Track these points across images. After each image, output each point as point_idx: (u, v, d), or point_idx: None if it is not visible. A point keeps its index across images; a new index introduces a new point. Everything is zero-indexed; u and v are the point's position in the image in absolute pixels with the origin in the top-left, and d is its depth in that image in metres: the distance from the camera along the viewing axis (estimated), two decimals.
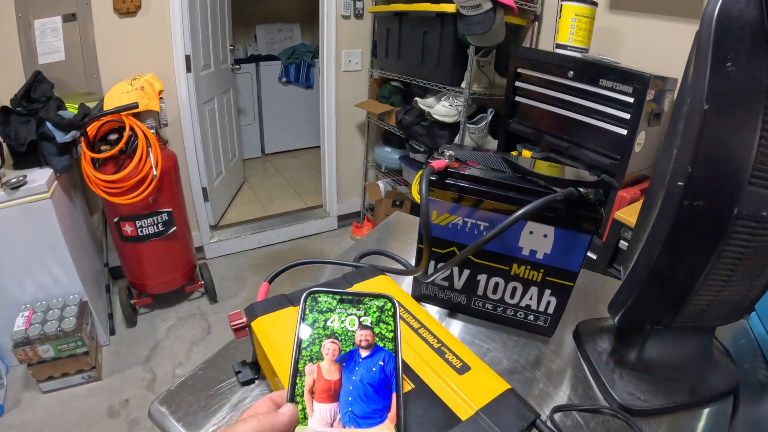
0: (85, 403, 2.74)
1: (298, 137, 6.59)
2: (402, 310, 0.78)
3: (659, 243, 0.71)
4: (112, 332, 3.29)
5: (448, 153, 0.93)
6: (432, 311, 1.08)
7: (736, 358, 0.99)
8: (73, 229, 3.06)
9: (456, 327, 1.04)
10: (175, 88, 3.74)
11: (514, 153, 2.72)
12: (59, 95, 3.15)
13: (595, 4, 2.60)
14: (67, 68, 3.39)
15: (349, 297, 0.64)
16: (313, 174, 5.76)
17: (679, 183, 0.65)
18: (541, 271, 0.93)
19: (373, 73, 4.38)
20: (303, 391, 0.55)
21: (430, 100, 3.52)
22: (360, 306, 0.63)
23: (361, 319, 0.62)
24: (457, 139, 3.28)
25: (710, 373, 0.90)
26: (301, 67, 6.19)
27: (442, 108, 3.36)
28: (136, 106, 2.97)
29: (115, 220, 3.07)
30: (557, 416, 0.83)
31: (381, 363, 0.59)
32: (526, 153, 2.70)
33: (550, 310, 0.97)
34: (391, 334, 0.61)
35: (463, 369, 0.69)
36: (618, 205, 2.28)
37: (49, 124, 2.88)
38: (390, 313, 0.63)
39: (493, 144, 3.23)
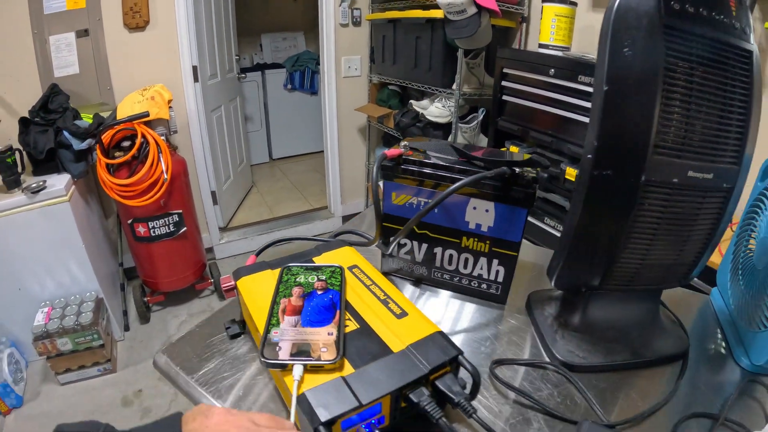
0: (100, 394, 2.82)
1: (304, 142, 6.61)
2: (359, 272, 0.94)
3: (578, 211, 0.77)
4: (127, 328, 3.36)
5: (403, 143, 1.04)
6: (402, 284, 1.15)
7: (697, 330, 1.03)
8: (90, 230, 3.14)
9: (420, 296, 1.11)
10: (184, 97, 3.82)
11: (503, 149, 2.78)
12: (75, 106, 3.23)
13: (575, 4, 2.64)
14: (82, 81, 3.49)
15: (312, 266, 0.92)
16: (318, 177, 5.79)
17: (588, 156, 0.72)
18: (487, 242, 1.01)
19: (372, 78, 4.43)
20: (278, 311, 0.79)
21: (425, 102, 3.58)
22: (319, 271, 0.90)
23: (319, 276, 0.88)
24: (450, 138, 3.34)
25: (656, 337, 0.95)
26: (305, 74, 6.23)
27: (435, 109, 3.41)
28: (146, 114, 3.06)
29: (129, 221, 3.15)
30: (498, 369, 0.89)
31: (330, 296, 0.83)
32: (514, 149, 2.75)
33: (500, 279, 1.04)
34: (339, 284, 0.86)
35: (402, 315, 0.81)
36: None
37: (66, 133, 2.97)
38: (339, 274, 0.89)
39: (484, 142, 3.29)
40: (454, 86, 3.19)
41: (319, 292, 0.83)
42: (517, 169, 0.93)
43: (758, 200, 0.96)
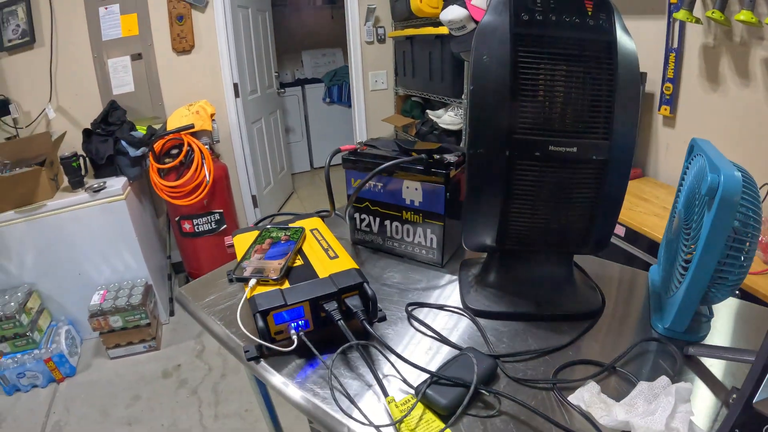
0: (144, 367, 3.01)
1: None
2: (317, 233, 1.14)
3: (468, 181, 0.90)
4: (172, 313, 3.55)
5: (358, 141, 1.22)
6: (364, 251, 1.30)
7: (625, 299, 1.09)
8: (143, 225, 3.37)
9: (378, 261, 1.25)
10: (226, 111, 4.03)
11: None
12: (130, 119, 3.50)
13: None
14: (136, 97, 3.74)
15: (283, 227, 1.14)
16: None
17: (467, 139, 0.86)
18: (420, 214, 1.15)
19: (398, 91, 4.54)
20: (251, 251, 1.04)
21: (440, 111, 3.68)
22: (287, 230, 1.12)
23: (286, 233, 1.11)
24: (462, 144, 3.44)
25: (565, 297, 1.02)
26: (342, 88, 6.33)
27: (448, 117, 3.53)
28: (192, 126, 3.29)
29: (177, 218, 3.41)
30: (415, 310, 1.02)
31: (288, 245, 1.05)
32: None
33: (434, 246, 1.17)
34: (297, 237, 1.08)
35: (334, 257, 1.00)
36: None
37: (123, 142, 3.24)
38: (300, 232, 1.11)
39: None
40: (463, 96, 3.29)
41: (282, 242, 1.07)
42: (437, 156, 1.10)
43: (682, 179, 1.00)
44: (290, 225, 1.17)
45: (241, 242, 1.13)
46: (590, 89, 0.83)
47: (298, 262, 1.01)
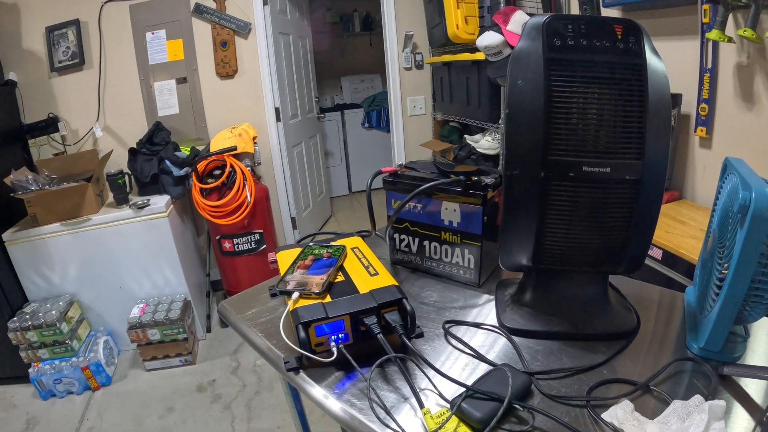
0: (179, 380, 3.05)
1: (381, 177, 6.63)
2: (358, 251, 1.16)
3: (505, 202, 0.92)
4: (209, 330, 3.59)
5: (398, 163, 1.25)
6: (403, 272, 1.31)
7: (662, 320, 1.08)
8: (184, 243, 3.44)
9: (417, 280, 1.27)
10: (267, 135, 4.11)
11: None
12: (175, 140, 3.63)
13: None
14: (181, 119, 3.85)
15: (325, 245, 1.17)
16: None
17: (503, 160, 0.88)
18: (458, 235, 1.17)
19: (436, 116, 4.56)
20: (295, 267, 1.07)
21: (477, 136, 3.69)
22: (328, 248, 1.15)
23: (327, 250, 1.14)
24: (499, 168, 3.43)
25: (600, 317, 1.02)
26: (381, 113, 6.37)
27: (486, 142, 3.53)
28: (234, 148, 3.36)
29: (217, 237, 3.44)
30: (452, 327, 1.04)
31: (330, 261, 1.08)
32: None
33: (472, 266, 1.18)
34: (339, 255, 1.11)
35: (374, 274, 1.03)
36: None
37: (167, 162, 3.33)
38: (341, 250, 1.13)
39: None
40: (500, 120, 3.29)
41: (324, 258, 1.10)
42: (475, 178, 1.13)
43: (716, 198, 0.99)
44: (332, 243, 1.20)
45: (284, 258, 1.16)
46: (622, 111, 0.84)
47: (340, 278, 1.03)
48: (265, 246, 3.54)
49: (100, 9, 3.64)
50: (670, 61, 2.65)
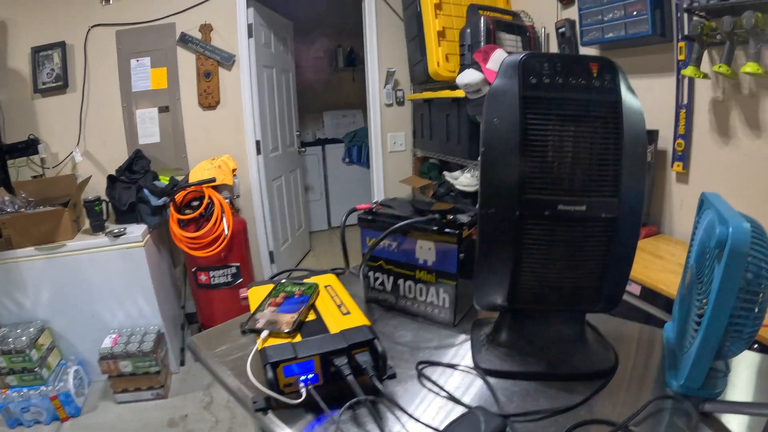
0: (150, 414, 2.97)
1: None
2: (330, 289, 1.13)
3: (480, 240, 0.90)
4: (182, 363, 3.52)
5: (373, 200, 1.26)
6: (377, 310, 1.29)
7: (641, 357, 1.08)
8: (159, 274, 3.38)
9: (391, 319, 1.24)
10: (247, 167, 4.08)
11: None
12: (154, 169, 3.61)
13: None
14: (161, 148, 3.82)
15: (297, 282, 1.14)
16: None
17: (479, 199, 0.87)
18: (433, 274, 1.15)
19: (416, 152, 4.55)
20: (266, 304, 1.05)
21: (457, 173, 3.68)
22: (301, 285, 1.12)
23: (300, 288, 1.11)
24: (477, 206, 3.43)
25: (578, 356, 1.00)
26: (362, 149, 6.34)
27: (465, 179, 3.52)
28: (213, 180, 3.34)
29: (194, 269, 3.41)
30: (425, 369, 1.00)
31: (302, 299, 1.05)
32: None
33: (447, 305, 1.16)
34: (311, 293, 1.07)
35: (347, 313, 1.00)
36: None
37: (146, 191, 3.30)
38: (314, 288, 1.10)
39: None
40: (479, 158, 3.29)
41: (296, 296, 1.07)
42: (450, 216, 1.12)
43: (693, 233, 1.00)
44: (305, 280, 1.17)
45: (256, 295, 1.13)
46: (598, 149, 0.84)
47: (311, 316, 1.01)
48: (241, 280, 3.50)
49: (87, 32, 3.63)
50: (647, 98, 2.68)
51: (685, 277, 1.01)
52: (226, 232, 3.30)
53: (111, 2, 3.66)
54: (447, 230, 1.09)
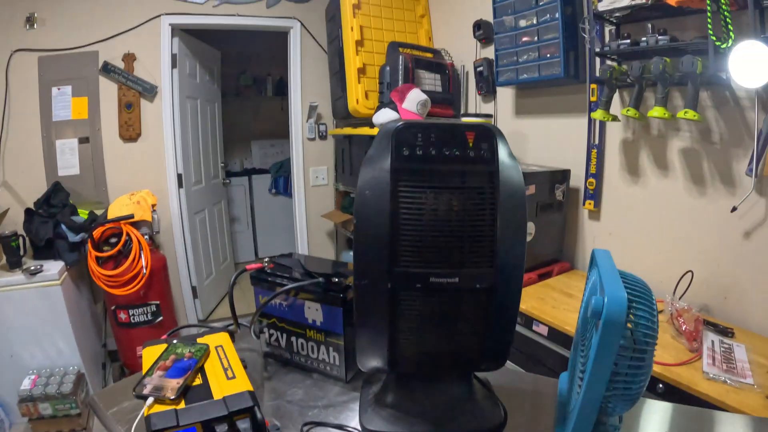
0: None
1: (288, 242, 6.19)
2: (221, 350, 1.11)
3: (356, 309, 0.91)
4: None
5: (266, 259, 1.28)
6: (276, 366, 1.29)
7: (535, 411, 1.12)
8: (78, 312, 3.28)
9: (286, 374, 1.24)
10: (168, 201, 4.02)
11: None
12: (74, 202, 3.48)
13: (490, 116, 2.89)
14: (81, 181, 3.71)
15: (188, 343, 1.11)
16: None
17: (353, 269, 0.88)
18: (322, 333, 1.17)
19: (338, 187, 4.56)
20: (155, 368, 1.01)
21: None
22: (191, 347, 1.09)
23: (190, 350, 1.07)
24: None
25: (465, 414, 1.01)
26: (288, 180, 6.17)
27: None
28: (131, 216, 3.29)
29: (113, 308, 3.33)
30: (307, 429, 1.01)
31: (190, 363, 1.02)
32: None
33: (338, 362, 1.17)
34: (201, 355, 1.04)
35: (232, 377, 0.99)
36: None
37: (63, 226, 3.19)
38: (204, 349, 1.07)
39: None
40: None
41: (185, 359, 1.04)
42: (335, 279, 1.13)
43: (585, 289, 0.99)
44: (198, 340, 1.16)
45: (149, 355, 1.11)
46: (471, 219, 0.85)
47: (198, 381, 1.00)
48: (162, 318, 3.43)
49: (9, 57, 3.53)
50: (560, 137, 2.77)
51: (576, 334, 1.02)
52: (144, 269, 3.24)
53: (35, 26, 3.57)
54: (331, 293, 1.12)
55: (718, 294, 2.14)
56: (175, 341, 1.15)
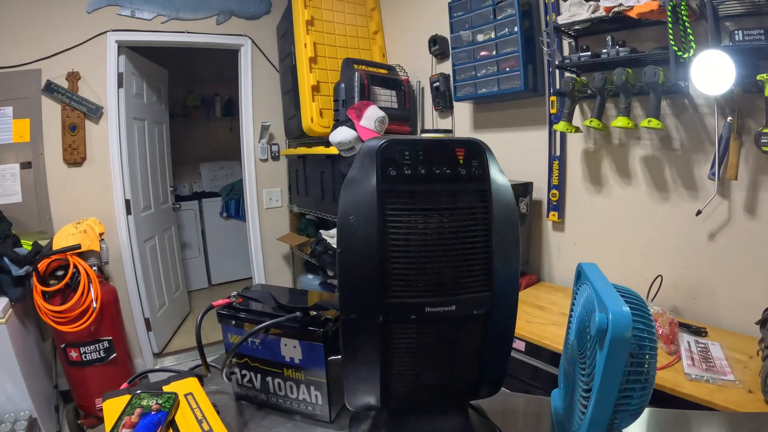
0: None
1: (242, 267, 6.02)
2: (191, 398, 1.02)
3: (343, 346, 0.83)
4: None
5: (233, 294, 1.16)
6: (249, 408, 1.19)
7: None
8: (26, 352, 3.09)
9: (264, 418, 1.14)
10: (117, 230, 3.86)
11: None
12: (16, 232, 3.27)
13: (450, 131, 2.83)
14: (24, 209, 3.53)
15: (155, 393, 1.01)
16: None
17: (339, 302, 0.81)
18: (301, 371, 1.07)
19: (293, 208, 4.50)
20: (120, 425, 0.91)
21: (333, 230, 3.63)
22: (159, 397, 0.99)
23: (157, 401, 0.98)
24: None
25: None
26: (240, 202, 6.16)
27: None
28: (78, 247, 3.11)
29: (62, 346, 3.13)
30: None
31: (159, 416, 0.93)
32: None
33: (320, 402, 1.08)
34: (170, 407, 0.95)
35: (208, 430, 0.91)
36: None
37: (6, 259, 2.99)
38: (173, 399, 0.98)
39: None
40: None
41: (153, 413, 0.95)
42: (314, 312, 1.05)
43: (573, 304, 0.97)
44: (164, 388, 1.06)
45: (111, 409, 1.00)
46: (465, 242, 0.79)
47: None
48: (116, 354, 3.27)
49: None
50: (521, 150, 2.78)
51: (567, 350, 0.99)
52: (94, 303, 3.09)
53: None
54: (311, 328, 1.03)
55: (688, 295, 2.21)
56: (138, 391, 1.05)
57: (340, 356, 0.86)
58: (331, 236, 3.62)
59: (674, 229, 2.24)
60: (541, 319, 2.24)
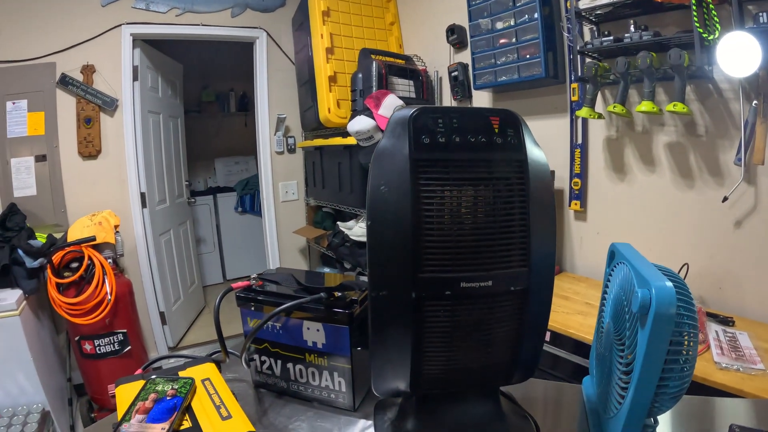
0: None
1: (257, 262, 6.13)
2: (209, 383, 0.98)
3: (372, 326, 0.78)
4: None
5: (253, 276, 1.12)
6: (268, 396, 1.14)
7: (563, 422, 1.03)
8: (40, 344, 3.06)
9: (284, 406, 1.09)
10: (132, 222, 3.84)
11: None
12: (30, 225, 3.26)
13: None
14: (38, 202, 3.52)
15: (170, 378, 0.98)
16: None
17: (368, 279, 0.75)
18: (325, 357, 1.02)
19: (309, 201, 4.48)
20: (132, 410, 0.87)
21: (350, 222, 3.60)
22: (174, 382, 0.95)
23: (173, 386, 0.93)
24: None
25: None
26: (255, 197, 6.17)
27: (359, 229, 3.44)
28: (93, 239, 3.08)
29: (77, 338, 3.12)
30: None
31: (175, 402, 0.89)
32: None
33: (344, 389, 1.03)
34: (186, 392, 0.91)
35: (227, 417, 0.87)
36: None
37: (20, 251, 2.98)
38: (189, 384, 0.94)
39: None
40: None
41: (168, 398, 0.90)
42: (338, 294, 0.99)
43: (606, 286, 0.94)
44: (180, 374, 1.02)
45: (124, 395, 0.96)
46: (502, 214, 0.74)
47: (186, 424, 0.86)
48: (130, 347, 3.25)
49: None
50: (542, 138, 2.70)
51: (600, 334, 0.96)
52: (109, 296, 3.06)
53: None
54: (335, 310, 0.97)
55: (714, 285, 2.16)
56: (153, 376, 1.00)
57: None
58: (348, 228, 3.57)
59: (699, 217, 2.20)
60: (566, 308, 2.21)
